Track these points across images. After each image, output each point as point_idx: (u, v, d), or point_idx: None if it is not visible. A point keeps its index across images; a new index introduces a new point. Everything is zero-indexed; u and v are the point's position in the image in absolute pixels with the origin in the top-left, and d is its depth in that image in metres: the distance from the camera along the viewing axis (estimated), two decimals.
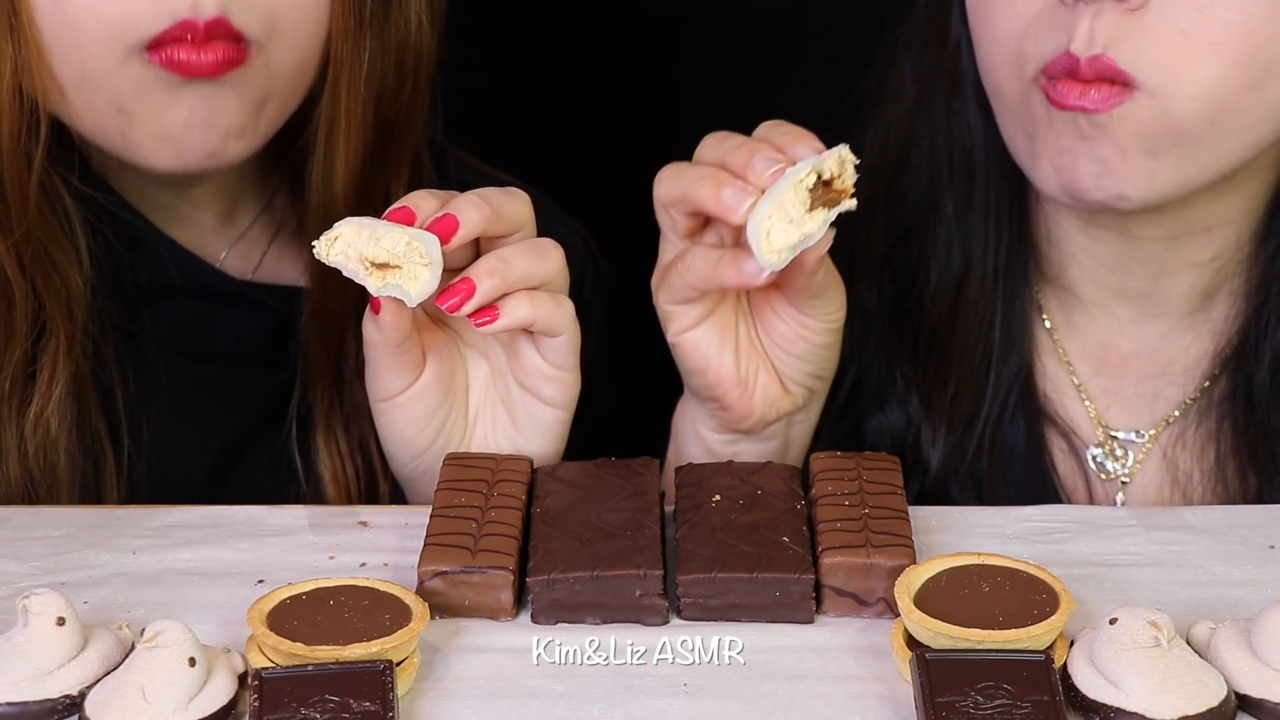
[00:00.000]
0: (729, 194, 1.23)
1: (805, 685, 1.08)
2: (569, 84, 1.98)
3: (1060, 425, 1.45)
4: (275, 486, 1.43)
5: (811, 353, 1.31)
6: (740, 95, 1.94)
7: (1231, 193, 1.38)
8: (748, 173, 1.23)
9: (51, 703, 1.04)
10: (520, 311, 1.25)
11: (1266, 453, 1.39)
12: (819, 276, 1.27)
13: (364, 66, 1.37)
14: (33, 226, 1.33)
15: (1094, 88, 1.29)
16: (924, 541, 1.20)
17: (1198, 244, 1.40)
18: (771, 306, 1.31)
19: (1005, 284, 1.45)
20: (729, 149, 1.25)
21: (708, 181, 1.24)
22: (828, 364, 1.33)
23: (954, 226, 1.45)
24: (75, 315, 1.36)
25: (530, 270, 1.26)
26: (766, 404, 1.32)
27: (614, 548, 1.15)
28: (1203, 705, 1.02)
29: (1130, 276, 1.42)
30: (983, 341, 1.45)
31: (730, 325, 1.31)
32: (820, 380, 1.34)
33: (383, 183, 1.43)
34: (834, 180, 1.21)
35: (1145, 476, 1.43)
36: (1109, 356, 1.45)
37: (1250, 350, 1.41)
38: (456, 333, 1.31)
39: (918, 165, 1.46)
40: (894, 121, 1.48)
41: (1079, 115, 1.29)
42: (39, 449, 1.35)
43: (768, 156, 1.22)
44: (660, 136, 2.01)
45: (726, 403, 1.31)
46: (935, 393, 1.45)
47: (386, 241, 1.21)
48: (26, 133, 1.32)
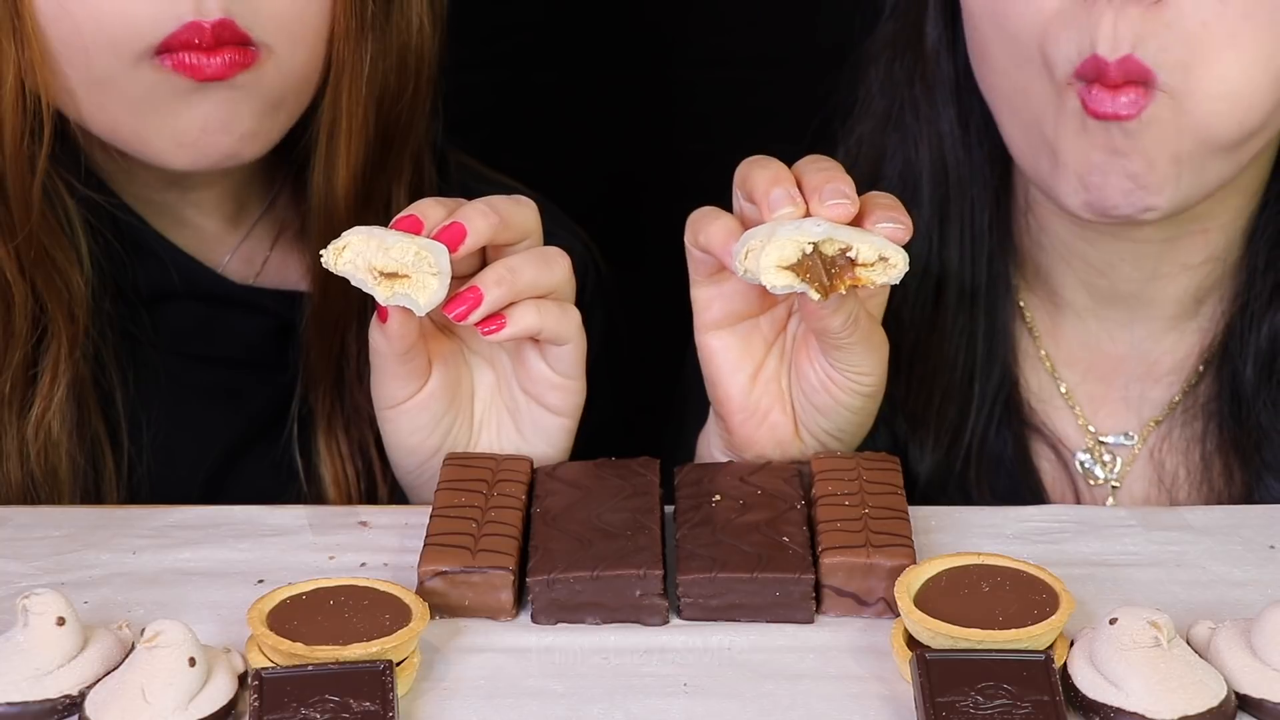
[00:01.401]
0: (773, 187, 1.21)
1: (805, 685, 1.08)
2: (569, 85, 1.98)
3: (1046, 435, 1.44)
4: (276, 489, 1.43)
5: (834, 410, 1.28)
6: (740, 95, 1.94)
7: (1230, 190, 1.37)
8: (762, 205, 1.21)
9: (51, 703, 1.04)
10: (527, 320, 1.25)
11: (1254, 450, 1.39)
12: (834, 324, 1.23)
13: (365, 68, 1.37)
14: (35, 229, 1.33)
15: (1123, 92, 1.26)
16: (924, 541, 1.20)
17: (1193, 245, 1.39)
18: (808, 349, 1.28)
19: (986, 294, 1.44)
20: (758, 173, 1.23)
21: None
22: (850, 428, 1.30)
23: (930, 237, 1.43)
24: (77, 318, 1.36)
25: (537, 279, 1.26)
26: (773, 443, 1.29)
27: (614, 548, 1.15)
28: (1203, 705, 1.02)
29: (1122, 279, 1.41)
30: (964, 353, 1.43)
31: (756, 349, 1.29)
32: (838, 441, 1.30)
33: (384, 185, 1.43)
34: (860, 264, 1.18)
35: (1133, 480, 1.43)
36: (1096, 361, 1.44)
37: (1235, 348, 1.40)
38: (462, 340, 1.31)
39: (890, 178, 1.44)
40: (865, 137, 1.46)
41: (1112, 125, 1.27)
42: (40, 451, 1.35)
43: (788, 194, 1.21)
44: (660, 137, 2.02)
45: (729, 425, 1.30)
46: (919, 407, 1.43)
47: (395, 251, 1.20)
48: (30, 135, 1.32)
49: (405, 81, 1.40)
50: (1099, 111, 1.27)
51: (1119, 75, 1.26)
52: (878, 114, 1.46)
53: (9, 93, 1.30)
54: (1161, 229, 1.37)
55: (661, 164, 1.97)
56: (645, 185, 1.97)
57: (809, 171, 1.22)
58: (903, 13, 1.45)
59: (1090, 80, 1.27)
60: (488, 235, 1.24)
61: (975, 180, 1.43)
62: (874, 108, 1.46)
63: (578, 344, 1.28)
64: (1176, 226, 1.37)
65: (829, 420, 1.29)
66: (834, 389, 1.27)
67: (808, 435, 1.30)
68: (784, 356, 1.30)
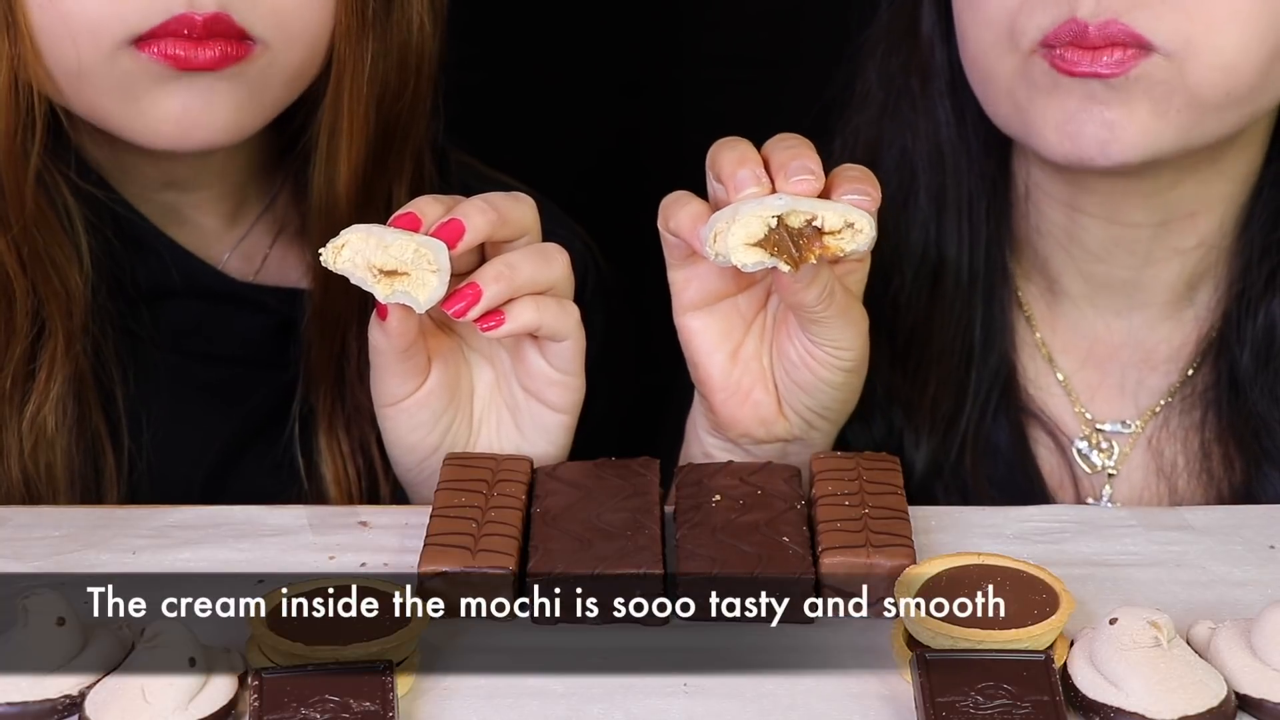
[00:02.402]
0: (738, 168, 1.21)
1: (805, 685, 1.08)
2: (569, 84, 1.98)
3: (1044, 422, 1.44)
4: (277, 488, 1.43)
5: (816, 386, 1.28)
6: (740, 95, 1.94)
7: (1216, 176, 1.38)
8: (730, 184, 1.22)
9: (51, 703, 1.04)
10: (525, 316, 1.25)
11: (1252, 438, 1.39)
12: (809, 297, 1.24)
13: (366, 67, 1.37)
14: (31, 224, 1.33)
15: (1105, 53, 1.27)
16: (924, 541, 1.20)
17: (1184, 230, 1.40)
18: (787, 327, 1.29)
19: (984, 281, 1.44)
20: (726, 155, 1.23)
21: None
22: (834, 405, 1.30)
23: (927, 226, 1.44)
24: (74, 314, 1.36)
25: (536, 275, 1.26)
26: (756, 421, 1.30)
27: (614, 548, 1.15)
28: (1203, 705, 1.02)
29: (1117, 265, 1.42)
30: (962, 340, 1.44)
31: (735, 328, 1.30)
32: (823, 419, 1.30)
33: (385, 184, 1.43)
34: (827, 233, 1.19)
35: (1131, 468, 1.43)
36: (1093, 349, 1.45)
37: (1232, 335, 1.40)
38: (461, 338, 1.31)
39: (888, 168, 1.45)
40: (861, 127, 1.47)
41: (1091, 81, 1.28)
42: (35, 448, 1.35)
43: (753, 173, 1.21)
44: (660, 136, 2.02)
45: (712, 404, 1.30)
46: (916, 395, 1.44)
47: (394, 249, 1.20)
48: (23, 129, 1.32)
49: (406, 80, 1.40)
50: (1073, 70, 1.28)
51: (1100, 38, 1.27)
52: (875, 104, 1.47)
53: (1, 85, 1.30)
54: (1151, 213, 1.39)
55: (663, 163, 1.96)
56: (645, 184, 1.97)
57: (776, 150, 1.23)
58: (899, 4, 1.45)
59: (1060, 45, 1.28)
60: (486, 231, 1.24)
61: (972, 169, 1.43)
62: (871, 98, 1.47)
63: (576, 340, 1.28)
64: (1166, 210, 1.39)
65: (811, 398, 1.29)
66: (814, 365, 1.28)
67: (791, 413, 1.30)
68: (764, 335, 1.30)
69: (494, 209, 1.25)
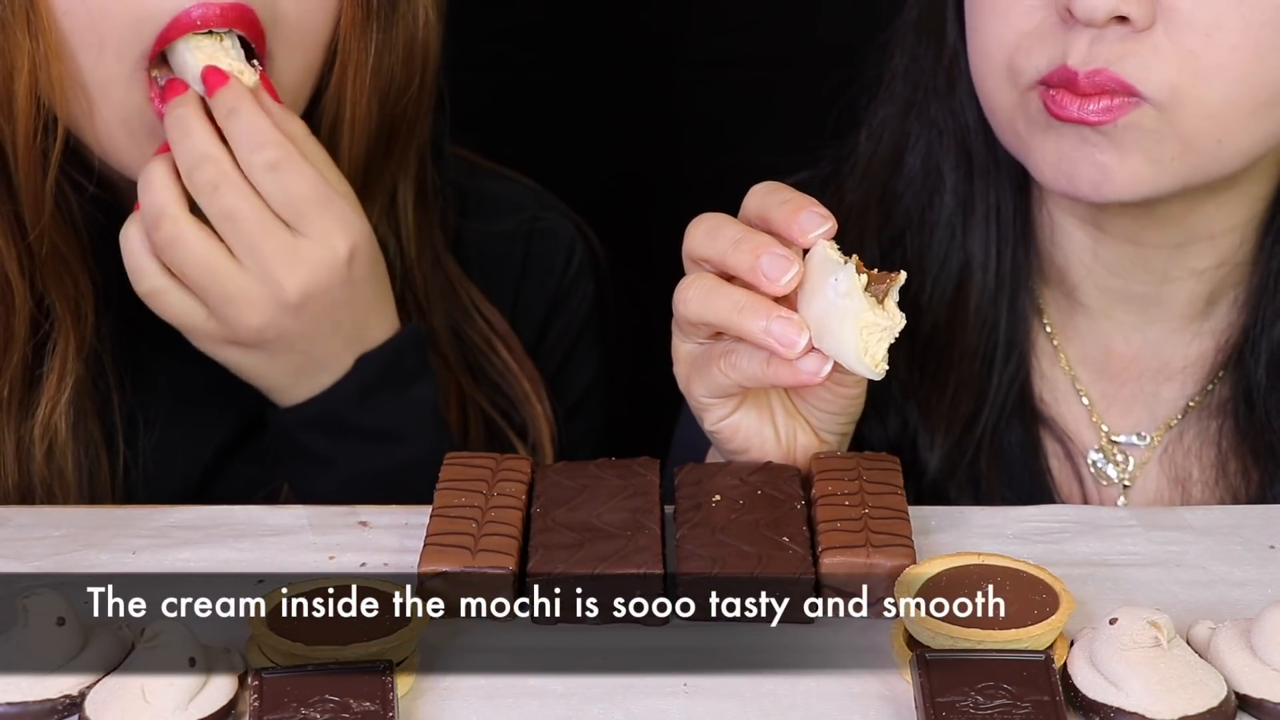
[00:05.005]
0: (769, 323, 1.17)
1: (805, 685, 1.08)
2: (569, 83, 1.98)
3: (1057, 430, 1.44)
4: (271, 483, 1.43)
5: (846, 405, 1.27)
6: (740, 95, 1.94)
7: (1234, 200, 1.38)
8: (760, 281, 1.17)
9: (51, 703, 1.04)
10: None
11: (1268, 451, 1.39)
12: (857, 391, 1.25)
13: (370, 60, 1.37)
14: (47, 228, 1.33)
15: (1093, 100, 1.28)
16: (924, 541, 1.20)
17: (1202, 251, 1.40)
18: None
19: (1008, 286, 1.44)
20: (728, 246, 1.19)
21: (743, 310, 1.18)
22: (859, 408, 1.29)
23: (953, 228, 1.44)
24: (85, 317, 1.36)
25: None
26: (805, 457, 1.28)
27: (614, 548, 1.15)
28: (1203, 705, 1.02)
29: (1134, 281, 1.41)
30: (984, 344, 1.43)
31: (766, 401, 1.27)
32: (852, 423, 1.30)
33: (388, 179, 1.43)
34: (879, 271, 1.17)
35: (1146, 480, 1.43)
36: (1110, 361, 1.45)
37: (1249, 349, 1.40)
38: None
39: (912, 166, 1.45)
40: (887, 121, 1.46)
41: (1082, 127, 1.29)
42: (48, 452, 1.35)
43: (778, 254, 1.17)
44: (661, 136, 2.02)
45: (716, 444, 1.29)
46: (934, 395, 1.43)
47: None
48: (43, 131, 1.32)
49: (411, 75, 1.40)
50: (1062, 115, 1.29)
51: (1089, 86, 1.28)
52: (901, 99, 1.46)
53: (23, 89, 1.29)
54: (1169, 235, 1.38)
55: (665, 163, 1.97)
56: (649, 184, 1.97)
57: (772, 207, 1.19)
58: (928, 2, 1.45)
59: (1054, 86, 1.29)
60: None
61: (998, 174, 1.43)
62: (897, 92, 1.46)
63: None
64: (1184, 233, 1.38)
65: (844, 415, 1.28)
66: (842, 389, 1.26)
67: (827, 435, 1.28)
68: (783, 396, 1.28)
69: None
